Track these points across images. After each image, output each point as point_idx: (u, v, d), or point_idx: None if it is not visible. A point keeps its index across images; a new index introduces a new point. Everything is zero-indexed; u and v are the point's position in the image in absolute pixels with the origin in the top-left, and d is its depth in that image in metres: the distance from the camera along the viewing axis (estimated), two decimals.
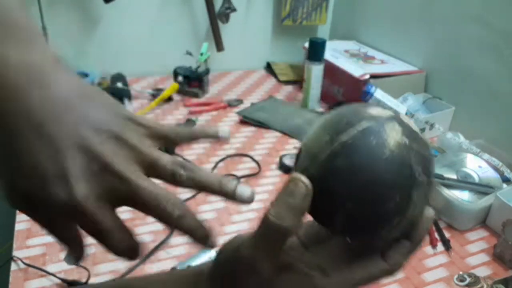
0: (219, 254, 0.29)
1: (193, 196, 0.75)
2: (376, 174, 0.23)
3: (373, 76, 1.03)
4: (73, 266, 0.59)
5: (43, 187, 0.24)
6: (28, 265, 0.59)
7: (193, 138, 0.31)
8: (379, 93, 0.95)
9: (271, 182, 0.83)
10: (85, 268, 0.59)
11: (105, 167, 0.25)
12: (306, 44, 1.11)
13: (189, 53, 1.16)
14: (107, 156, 0.25)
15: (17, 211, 0.68)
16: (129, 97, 1.10)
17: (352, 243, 0.28)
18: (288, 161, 0.87)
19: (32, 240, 0.63)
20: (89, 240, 0.70)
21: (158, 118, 1.05)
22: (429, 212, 0.27)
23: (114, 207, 0.26)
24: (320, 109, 1.16)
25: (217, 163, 0.87)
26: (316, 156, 0.24)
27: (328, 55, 1.15)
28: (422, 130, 0.97)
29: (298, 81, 1.32)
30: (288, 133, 1.01)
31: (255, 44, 1.41)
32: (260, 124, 1.04)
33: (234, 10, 1.26)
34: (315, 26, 1.46)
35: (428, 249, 0.68)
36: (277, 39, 1.43)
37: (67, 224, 0.28)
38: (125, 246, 0.27)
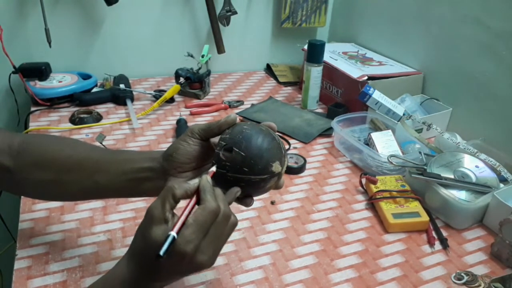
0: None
1: None
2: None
3: (371, 78, 1.04)
4: (75, 264, 0.60)
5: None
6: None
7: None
8: (377, 95, 0.96)
9: None
10: None
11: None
12: (305, 46, 1.12)
13: (190, 55, 1.17)
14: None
15: (20, 210, 0.69)
16: (132, 98, 1.11)
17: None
18: (288, 161, 0.88)
19: (35, 239, 0.64)
20: (91, 239, 0.70)
21: (160, 118, 1.06)
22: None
23: None
24: (319, 110, 1.17)
25: None
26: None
27: (327, 57, 1.16)
28: (420, 130, 0.97)
29: (298, 83, 1.33)
30: (287, 134, 1.02)
31: (255, 46, 1.42)
32: None
33: (234, 13, 1.27)
34: (314, 28, 1.47)
35: (425, 247, 0.69)
36: (277, 41, 1.44)
37: None
38: None
